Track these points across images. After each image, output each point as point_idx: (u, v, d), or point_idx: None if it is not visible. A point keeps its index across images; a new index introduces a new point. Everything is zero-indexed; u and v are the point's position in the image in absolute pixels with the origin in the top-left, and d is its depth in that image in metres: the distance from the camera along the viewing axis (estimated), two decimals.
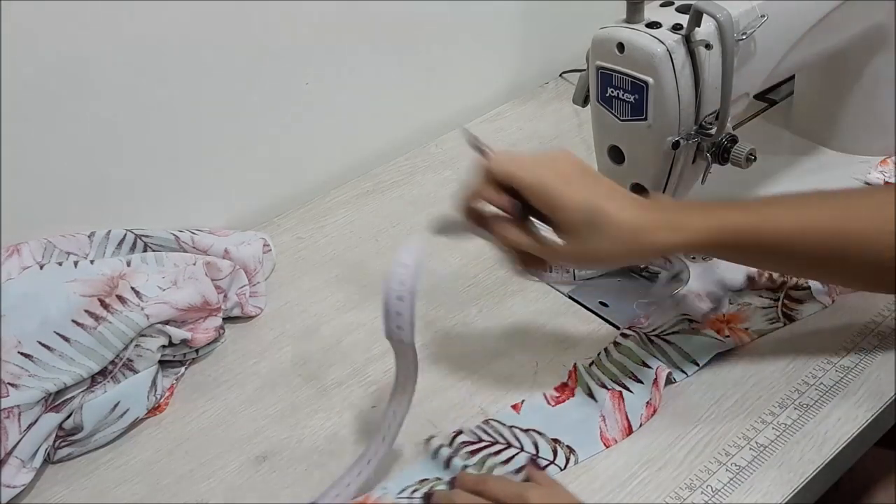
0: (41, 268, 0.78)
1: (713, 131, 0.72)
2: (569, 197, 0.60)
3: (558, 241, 0.63)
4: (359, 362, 0.79)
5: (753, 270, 0.81)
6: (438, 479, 0.67)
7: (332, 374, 0.78)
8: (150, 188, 0.89)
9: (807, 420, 0.69)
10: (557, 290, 0.84)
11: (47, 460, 0.71)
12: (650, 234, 0.61)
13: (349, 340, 0.81)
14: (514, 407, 0.72)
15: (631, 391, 0.71)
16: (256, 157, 0.96)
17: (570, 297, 0.83)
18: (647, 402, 0.70)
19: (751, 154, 0.72)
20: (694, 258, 0.85)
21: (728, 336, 0.76)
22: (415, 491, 0.66)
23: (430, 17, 1.02)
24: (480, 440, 0.69)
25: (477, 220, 0.65)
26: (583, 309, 0.82)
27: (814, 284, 0.80)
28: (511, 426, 0.71)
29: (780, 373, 0.73)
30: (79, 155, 0.83)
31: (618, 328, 0.79)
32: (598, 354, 0.75)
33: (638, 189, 0.76)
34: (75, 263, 0.78)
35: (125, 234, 0.83)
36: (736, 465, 0.66)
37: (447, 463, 0.67)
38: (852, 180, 0.92)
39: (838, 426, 0.68)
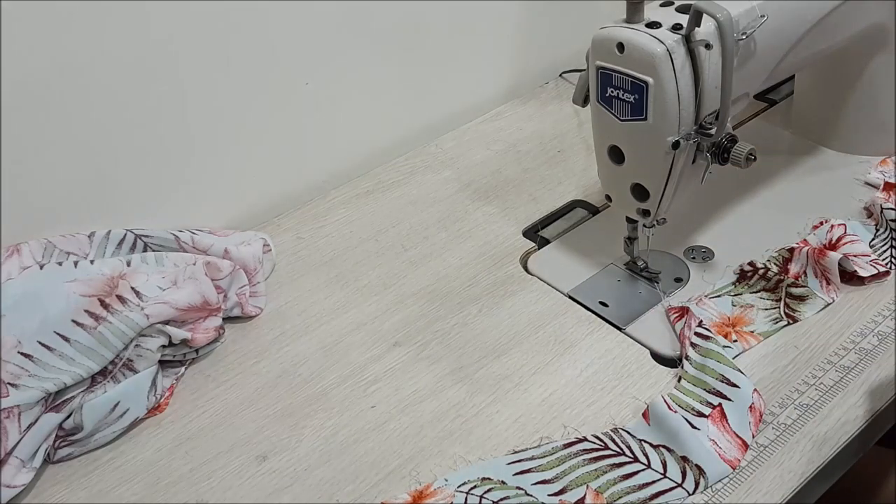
0: (41, 268, 0.78)
1: (713, 131, 0.72)
2: None
3: None
4: (359, 362, 0.79)
5: (745, 264, 0.82)
6: (503, 482, 0.66)
7: (332, 374, 0.78)
8: (150, 188, 0.89)
9: (807, 420, 0.69)
10: (557, 291, 0.84)
11: (47, 460, 0.71)
12: None
13: (349, 340, 0.81)
14: (644, 415, 0.69)
15: (730, 399, 0.69)
16: (256, 156, 0.96)
17: (570, 297, 0.83)
18: (751, 406, 0.68)
19: (751, 154, 0.72)
20: (694, 258, 0.85)
21: (735, 341, 0.75)
22: (474, 487, 0.66)
23: (430, 16, 1.02)
24: (606, 447, 0.68)
25: None
26: (583, 309, 0.82)
27: (812, 282, 0.80)
28: (641, 440, 0.68)
29: (780, 373, 0.73)
30: (79, 155, 0.83)
31: (618, 328, 0.79)
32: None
33: (638, 190, 0.76)
34: (75, 263, 0.78)
35: (125, 234, 0.83)
36: None
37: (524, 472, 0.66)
38: (852, 180, 0.92)
39: (838, 426, 0.68)
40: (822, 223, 0.85)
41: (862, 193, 0.90)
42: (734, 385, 0.69)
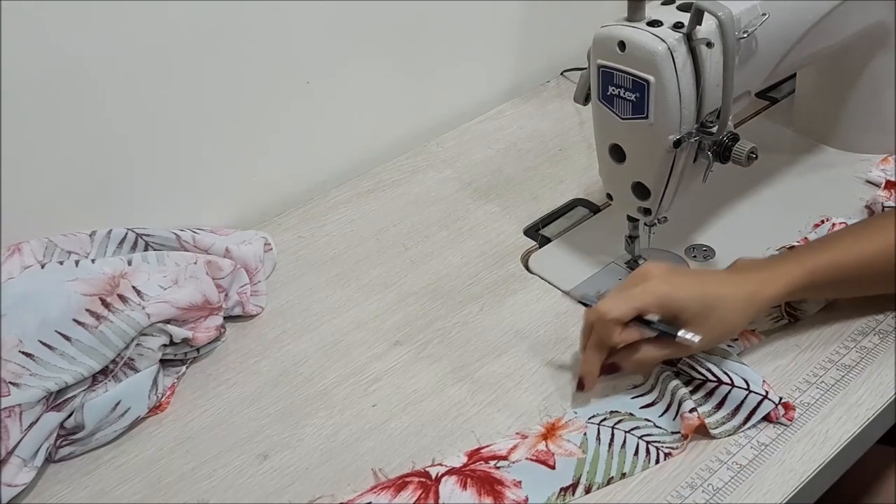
0: (42, 267, 0.78)
1: (714, 130, 0.72)
2: (684, 296, 0.68)
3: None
4: (360, 361, 0.79)
5: None
6: (630, 414, 0.70)
7: (333, 373, 0.78)
8: (151, 187, 0.89)
9: (808, 419, 0.69)
10: (557, 290, 0.84)
11: (48, 459, 0.71)
12: (761, 294, 0.69)
13: (350, 339, 0.81)
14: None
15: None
16: (257, 156, 0.96)
17: (571, 296, 0.83)
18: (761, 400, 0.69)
19: (752, 152, 0.72)
20: (695, 256, 0.85)
21: (737, 339, 0.75)
22: (604, 420, 0.70)
23: (430, 16, 1.02)
24: (693, 379, 0.71)
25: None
26: (583, 308, 0.82)
27: None
28: (724, 370, 0.70)
29: (781, 372, 0.73)
30: (80, 154, 0.83)
31: None
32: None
33: (639, 188, 0.76)
34: (76, 262, 0.78)
35: (126, 233, 0.83)
36: (737, 464, 0.66)
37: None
38: (853, 178, 0.92)
39: (839, 425, 0.68)
40: (823, 221, 0.85)
41: (863, 192, 0.90)
42: (742, 379, 0.70)
